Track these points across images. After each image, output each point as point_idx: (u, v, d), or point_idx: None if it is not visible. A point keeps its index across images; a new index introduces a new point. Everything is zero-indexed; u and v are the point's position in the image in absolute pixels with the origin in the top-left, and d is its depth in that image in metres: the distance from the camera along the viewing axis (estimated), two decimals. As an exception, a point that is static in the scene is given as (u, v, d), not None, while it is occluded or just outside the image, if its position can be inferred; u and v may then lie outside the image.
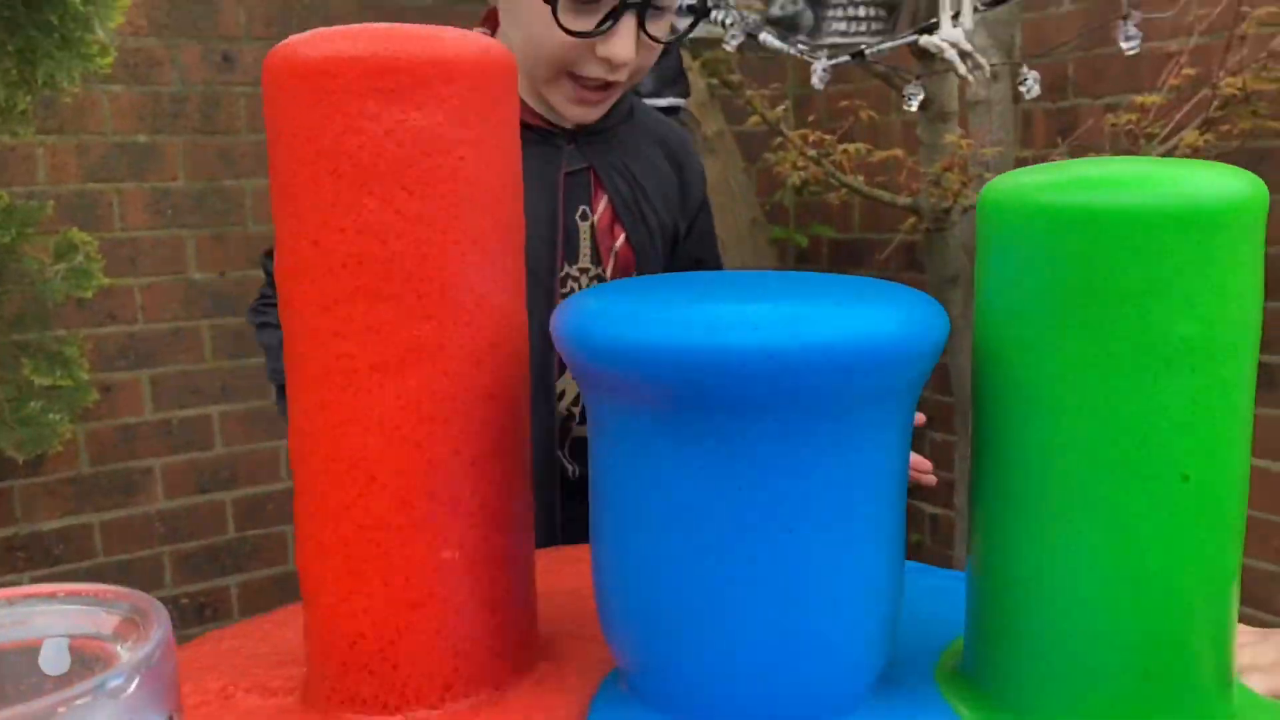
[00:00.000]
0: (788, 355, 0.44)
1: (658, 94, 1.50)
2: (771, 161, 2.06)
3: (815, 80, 1.49)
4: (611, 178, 1.04)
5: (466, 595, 0.55)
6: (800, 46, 1.56)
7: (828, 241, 2.90)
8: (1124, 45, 1.28)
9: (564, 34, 0.92)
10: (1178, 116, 1.82)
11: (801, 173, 1.89)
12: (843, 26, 1.73)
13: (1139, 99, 1.82)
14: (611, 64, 0.94)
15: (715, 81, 2.09)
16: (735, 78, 1.96)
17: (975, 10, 1.53)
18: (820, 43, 1.65)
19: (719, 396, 0.46)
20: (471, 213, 0.54)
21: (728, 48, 1.55)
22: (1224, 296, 0.47)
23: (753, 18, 1.60)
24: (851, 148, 1.84)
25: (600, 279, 1.04)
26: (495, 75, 0.55)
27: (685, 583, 0.50)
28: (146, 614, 0.35)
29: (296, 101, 0.52)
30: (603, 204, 1.04)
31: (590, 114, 1.00)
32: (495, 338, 0.55)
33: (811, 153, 1.87)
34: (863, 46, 1.48)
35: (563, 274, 1.03)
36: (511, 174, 0.57)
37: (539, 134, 1.02)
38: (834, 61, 1.50)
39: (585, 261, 1.04)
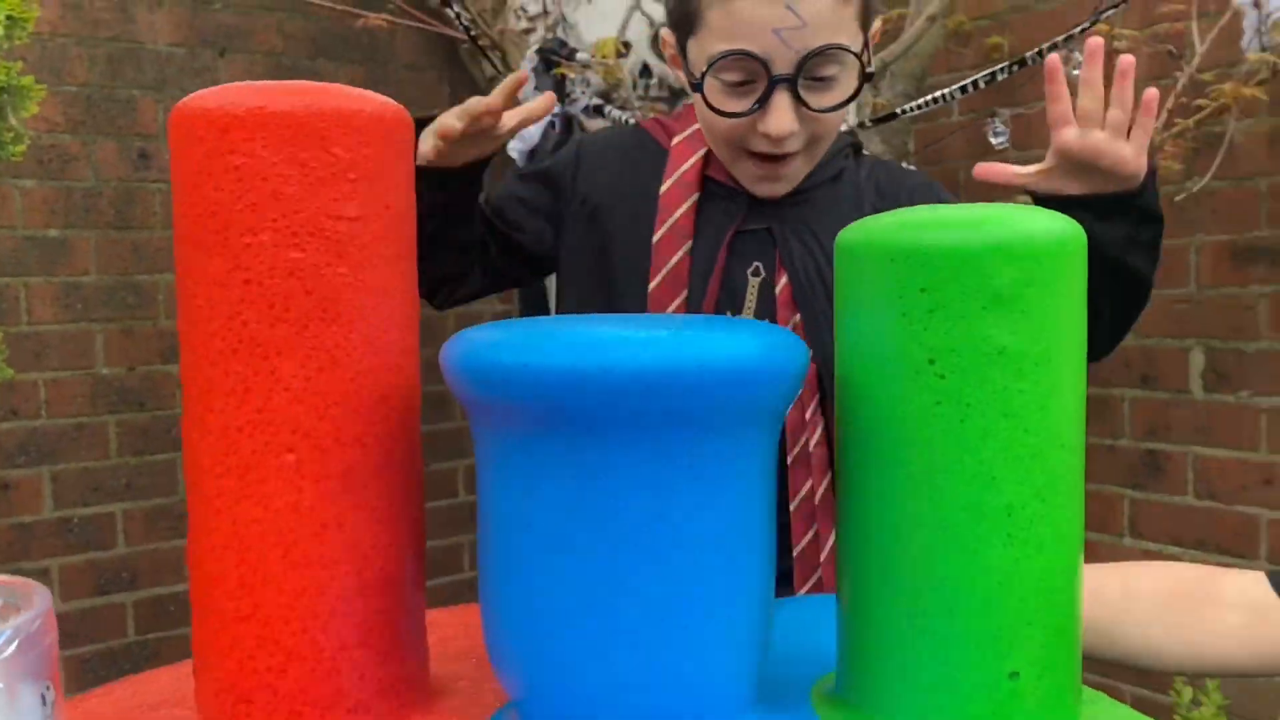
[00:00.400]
0: (636, 375, 0.48)
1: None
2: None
3: (716, 174, 1.58)
4: (788, 243, 1.07)
5: (355, 638, 0.56)
6: (701, 143, 1.65)
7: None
8: (993, 141, 1.39)
9: (723, 116, 0.98)
10: (1056, 215, 1.94)
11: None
12: (743, 128, 1.83)
13: (1021, 199, 1.95)
14: (772, 139, 0.99)
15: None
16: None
17: (863, 125, 1.63)
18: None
19: (578, 416, 0.49)
20: (358, 257, 0.57)
21: (632, 144, 1.63)
22: (1046, 323, 0.52)
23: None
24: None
25: None
26: (385, 129, 0.58)
27: (556, 603, 0.51)
28: (28, 596, 0.36)
29: (192, 150, 0.55)
30: (785, 276, 1.07)
31: (776, 188, 1.05)
32: (385, 381, 0.58)
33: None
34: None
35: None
36: (400, 223, 0.60)
37: (724, 190, 1.08)
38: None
39: (748, 315, 1.08)
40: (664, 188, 1.09)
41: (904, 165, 1.17)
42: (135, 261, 2.48)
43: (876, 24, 1.03)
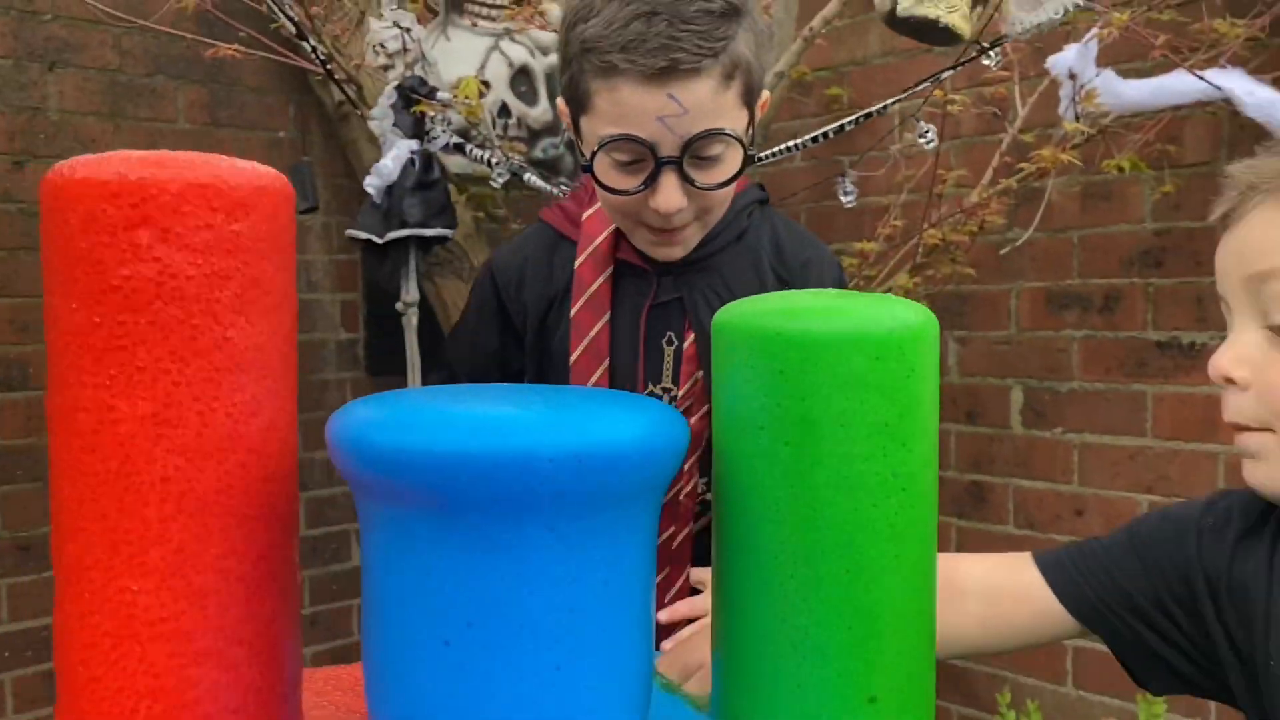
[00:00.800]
0: (522, 458, 0.49)
1: (425, 224, 1.57)
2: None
3: (575, 218, 1.61)
4: (698, 309, 1.12)
5: (226, 711, 0.56)
6: (563, 187, 1.68)
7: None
8: (843, 199, 1.47)
9: (615, 194, 1.02)
10: (892, 263, 2.06)
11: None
12: (600, 170, 1.86)
13: (859, 246, 2.05)
14: (661, 215, 1.03)
15: (481, 215, 2.17)
16: (501, 212, 2.06)
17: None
18: (580, 184, 1.77)
19: (459, 498, 0.49)
20: (234, 334, 0.56)
21: (494, 185, 1.64)
22: (903, 407, 0.56)
23: (517, 159, 1.71)
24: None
25: (675, 398, 1.13)
26: (265, 202, 0.58)
27: (438, 683, 0.52)
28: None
29: (67, 222, 0.54)
30: (691, 335, 1.12)
31: (673, 252, 1.10)
32: (262, 460, 0.57)
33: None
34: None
35: (646, 392, 1.14)
36: (280, 298, 0.60)
37: (634, 270, 1.14)
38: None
39: (668, 381, 1.13)
40: (578, 262, 1.14)
41: (806, 232, 1.25)
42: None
43: (765, 95, 1.09)
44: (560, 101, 1.10)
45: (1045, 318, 2.30)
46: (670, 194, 1.01)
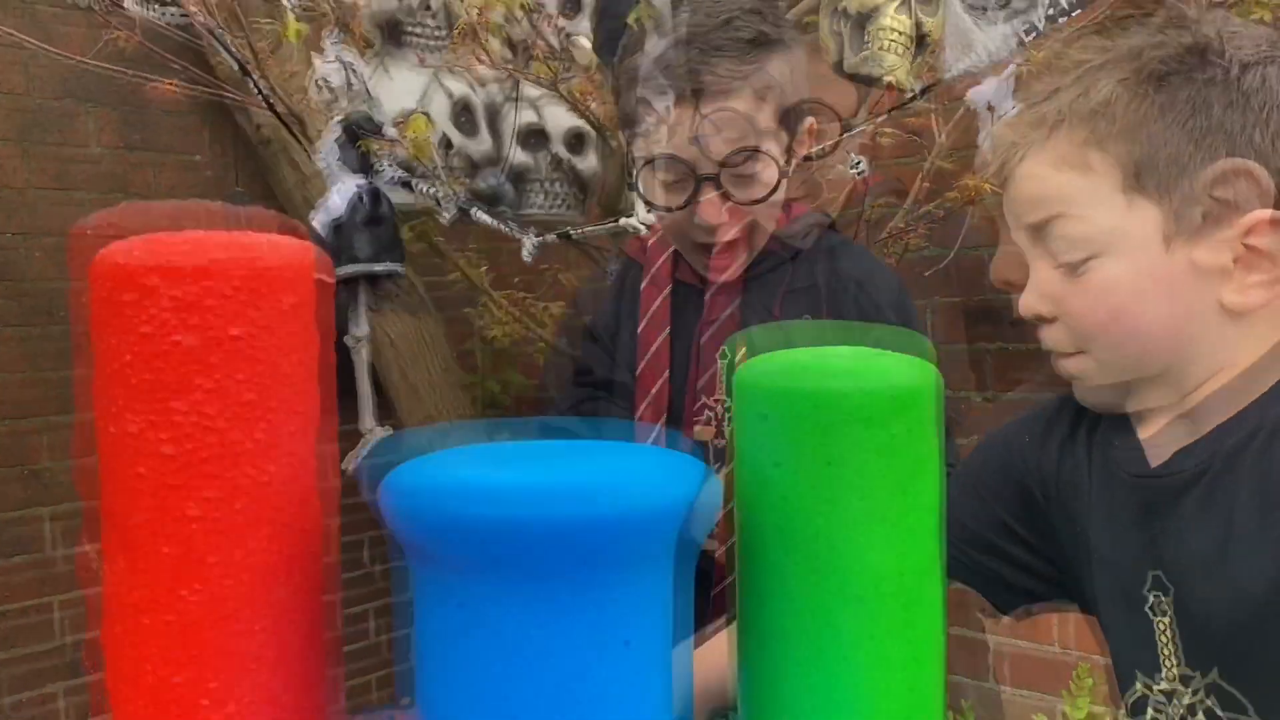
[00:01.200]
0: (563, 523, 0.50)
1: (375, 260, 1.57)
2: (474, 317, 2.18)
3: (525, 255, 1.64)
4: (749, 323, 1.18)
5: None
6: (510, 224, 1.70)
7: (515, 387, 3.03)
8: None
9: (660, 211, 1.10)
10: (822, 283, 2.14)
11: (504, 327, 2.02)
12: (541, 200, 1.89)
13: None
14: (704, 230, 1.09)
15: (410, 235, 2.18)
16: (440, 240, 2.08)
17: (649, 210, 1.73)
18: (523, 214, 1.80)
19: (517, 563, 0.51)
20: (263, 404, 0.58)
21: (443, 220, 1.65)
22: (915, 461, 0.61)
23: (462, 193, 1.73)
24: (556, 309, 2.00)
25: (729, 408, 1.16)
26: (292, 280, 0.60)
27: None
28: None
29: (113, 303, 0.55)
30: (744, 350, 1.14)
31: (727, 274, 1.17)
32: (286, 516, 0.59)
33: (515, 311, 2.01)
34: (569, 230, 1.66)
35: (699, 405, 1.18)
36: (302, 366, 0.61)
37: (689, 289, 1.21)
38: (541, 239, 1.66)
39: (721, 393, 1.18)
40: (643, 284, 1.22)
41: (867, 254, 1.31)
42: None
43: (808, 121, 1.16)
44: (623, 133, 1.20)
45: (960, 331, 2.41)
46: (709, 209, 1.09)
